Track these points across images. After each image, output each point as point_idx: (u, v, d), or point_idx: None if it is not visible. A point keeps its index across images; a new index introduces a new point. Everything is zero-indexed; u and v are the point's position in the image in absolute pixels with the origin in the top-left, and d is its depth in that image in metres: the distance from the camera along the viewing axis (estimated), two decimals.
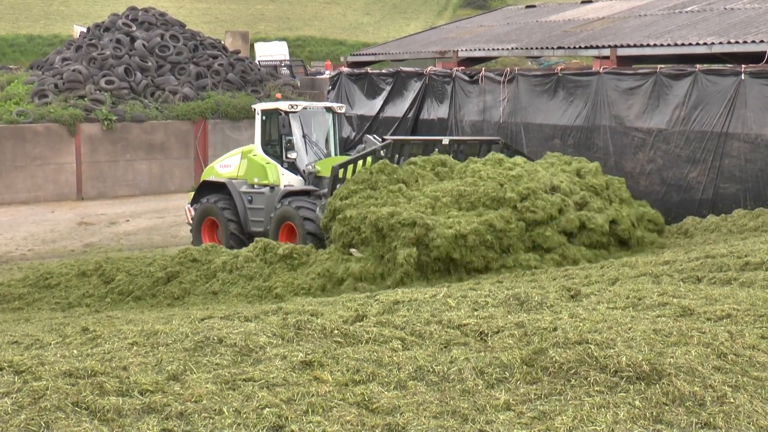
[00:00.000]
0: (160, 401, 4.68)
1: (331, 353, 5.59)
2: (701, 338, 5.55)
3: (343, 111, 17.45)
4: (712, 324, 6.11)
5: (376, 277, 12.08)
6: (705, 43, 15.85)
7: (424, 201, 12.76)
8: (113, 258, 15.52)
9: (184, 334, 5.91)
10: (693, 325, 5.92)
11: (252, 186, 16.52)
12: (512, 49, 19.96)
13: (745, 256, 8.96)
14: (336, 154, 16.88)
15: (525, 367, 5.20)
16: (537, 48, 19.42)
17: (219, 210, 16.59)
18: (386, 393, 4.97)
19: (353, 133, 20.33)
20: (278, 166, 16.31)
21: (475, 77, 19.02)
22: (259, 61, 36.93)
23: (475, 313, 6.70)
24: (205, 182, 17.47)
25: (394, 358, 5.52)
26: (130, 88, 27.54)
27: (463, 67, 20.13)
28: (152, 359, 5.43)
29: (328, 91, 23.48)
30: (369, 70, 22.63)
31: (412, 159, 14.30)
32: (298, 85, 32.35)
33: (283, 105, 16.63)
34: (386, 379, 5.16)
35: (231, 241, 16.18)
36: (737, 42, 15.38)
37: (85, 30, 32.10)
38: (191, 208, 17.45)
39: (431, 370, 5.30)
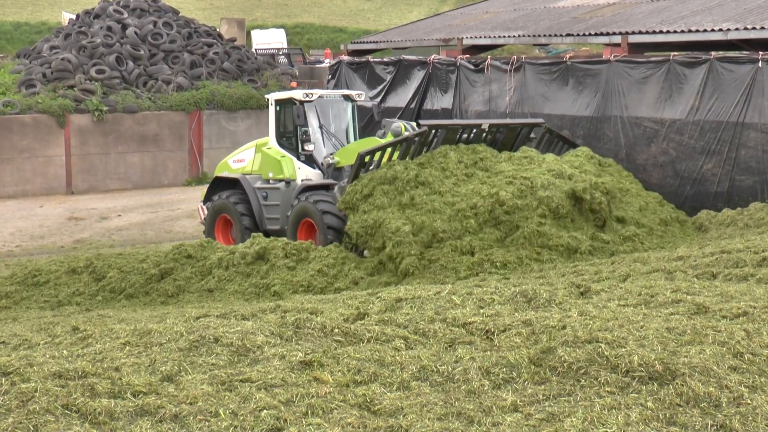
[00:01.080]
0: (154, 403, 4.69)
1: (332, 353, 5.59)
2: (716, 337, 5.55)
3: (362, 99, 17.14)
4: (727, 322, 6.11)
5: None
6: (720, 29, 15.82)
7: (446, 211, 12.83)
8: (104, 254, 15.52)
9: (179, 333, 5.91)
10: (708, 324, 5.92)
11: (267, 181, 16.23)
12: (519, 36, 19.93)
13: (763, 251, 8.95)
14: None
15: (533, 366, 5.20)
16: (545, 35, 19.39)
17: (233, 207, 16.31)
18: (389, 394, 4.97)
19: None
20: (294, 159, 16.04)
21: (481, 66, 18.99)
22: (256, 50, 36.88)
23: (481, 311, 6.70)
24: (217, 178, 17.20)
25: (397, 357, 5.52)
26: (121, 78, 27.53)
27: (467, 56, 20.10)
28: (145, 359, 5.43)
29: (328, 81, 23.46)
30: (370, 58, 22.60)
31: (445, 149, 14.06)
32: (297, 74, 32.33)
33: (298, 94, 16.31)
34: (389, 380, 5.17)
35: (245, 236, 15.88)
36: (754, 28, 15.35)
37: (74, 17, 32.08)
38: (204, 207, 17.18)
39: (435, 370, 5.31)
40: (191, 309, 10.63)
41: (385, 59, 22.09)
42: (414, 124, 15.64)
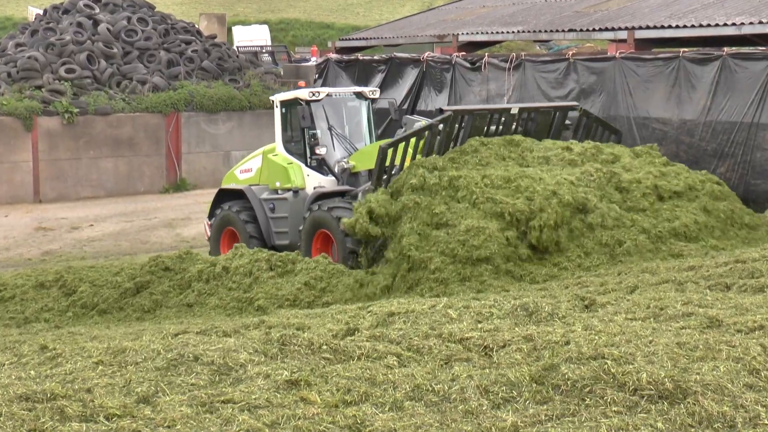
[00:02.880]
0: (129, 427, 4.68)
1: (320, 371, 5.59)
2: (730, 352, 5.57)
3: (376, 96, 16.56)
4: (742, 336, 6.13)
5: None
6: (734, 24, 15.89)
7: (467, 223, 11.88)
8: (75, 267, 15.49)
9: (156, 351, 5.91)
10: (721, 338, 5.94)
11: (274, 192, 15.80)
12: (518, 32, 20.00)
13: None
14: None
15: (534, 385, 5.21)
16: (546, 31, 19.46)
17: (238, 219, 15.93)
18: (381, 415, 4.97)
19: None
20: (302, 166, 15.61)
21: (478, 64, 19.04)
22: (237, 47, 36.87)
23: (479, 326, 6.71)
24: (221, 191, 16.84)
25: (390, 376, 5.53)
26: (93, 78, 27.51)
27: (464, 53, 20.15)
28: (120, 380, 5.43)
29: (315, 80, 23.49)
30: (360, 56, 22.65)
31: (477, 142, 13.46)
32: (281, 73, 32.36)
33: (303, 93, 15.79)
34: (381, 400, 5.17)
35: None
36: None
37: (41, 12, 32.04)
38: (209, 223, 16.87)
39: (430, 389, 5.31)
40: (169, 325, 10.61)
41: (375, 57, 22.14)
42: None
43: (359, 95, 16.31)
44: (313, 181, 15.45)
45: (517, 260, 11.71)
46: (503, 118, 14.12)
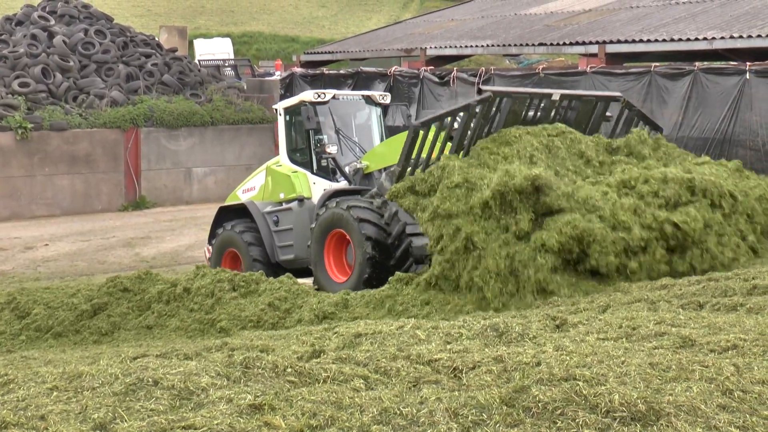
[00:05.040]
0: None
1: (284, 395, 5.58)
2: (704, 373, 5.62)
3: (387, 101, 16.08)
4: (715, 356, 6.19)
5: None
6: (705, 38, 16.14)
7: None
8: (29, 288, 15.32)
9: (114, 375, 5.86)
10: (694, 358, 6.00)
11: (278, 204, 15.33)
12: (488, 46, 20.15)
13: (753, 278, 9.09)
14: None
15: (505, 407, 5.22)
16: (516, 45, 19.63)
17: (239, 238, 15.44)
18: None
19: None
20: (308, 174, 15.15)
21: (446, 78, 19.17)
22: (199, 61, 36.86)
23: (448, 347, 6.73)
24: (222, 210, 16.40)
25: (356, 399, 5.52)
26: (48, 92, 27.32)
27: (432, 67, 20.29)
28: (75, 406, 5.38)
29: (281, 96, 23.52)
30: (325, 70, 22.72)
31: (518, 132, 12.41)
32: (245, 87, 32.34)
33: (308, 95, 15.41)
34: (347, 424, 5.16)
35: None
36: (741, 36, 15.69)
37: None
38: (209, 247, 16.46)
39: (398, 412, 5.31)
40: (128, 348, 10.54)
41: (341, 71, 22.21)
42: None
43: (368, 99, 15.95)
44: (320, 189, 14.94)
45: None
46: (542, 104, 13.19)
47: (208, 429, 5.00)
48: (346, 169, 14.90)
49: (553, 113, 13.24)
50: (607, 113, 13.94)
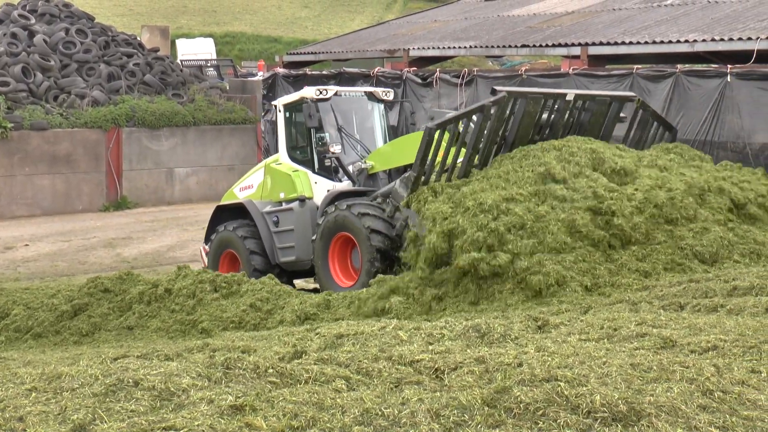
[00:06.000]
0: None
1: (266, 396, 5.57)
2: (684, 373, 5.65)
3: (390, 98, 15.76)
4: (696, 357, 6.22)
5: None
6: (686, 41, 16.22)
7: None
8: (8, 289, 15.25)
9: (94, 376, 5.84)
10: (675, 359, 6.03)
11: (278, 204, 14.98)
12: (470, 47, 20.19)
13: (733, 280, 9.14)
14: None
15: (486, 408, 5.23)
16: (498, 46, 19.67)
17: (238, 238, 15.07)
18: None
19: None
20: (309, 173, 14.80)
21: (429, 79, 19.19)
22: (181, 61, 36.78)
23: (430, 348, 6.73)
24: (218, 209, 16.03)
25: (338, 400, 5.52)
26: (28, 91, 27.18)
27: (414, 68, 20.31)
28: (55, 407, 5.35)
29: (263, 96, 23.49)
30: (308, 71, 22.71)
31: (531, 149, 11.87)
32: (227, 87, 32.29)
33: (309, 92, 14.95)
34: (329, 425, 5.16)
35: (254, 277, 13.98)
36: (722, 39, 15.77)
37: None
38: (205, 248, 16.14)
39: (380, 413, 5.31)
40: (108, 349, 10.50)
41: (324, 72, 22.21)
42: None
43: (371, 96, 15.58)
44: (322, 189, 14.62)
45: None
46: (557, 105, 12.74)
47: (188, 430, 4.98)
48: (350, 169, 14.65)
49: (567, 114, 12.83)
50: (622, 114, 13.64)
